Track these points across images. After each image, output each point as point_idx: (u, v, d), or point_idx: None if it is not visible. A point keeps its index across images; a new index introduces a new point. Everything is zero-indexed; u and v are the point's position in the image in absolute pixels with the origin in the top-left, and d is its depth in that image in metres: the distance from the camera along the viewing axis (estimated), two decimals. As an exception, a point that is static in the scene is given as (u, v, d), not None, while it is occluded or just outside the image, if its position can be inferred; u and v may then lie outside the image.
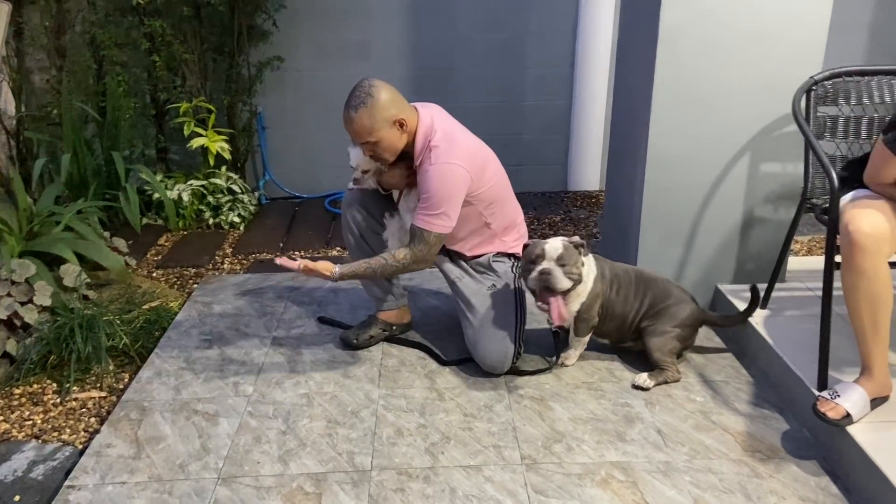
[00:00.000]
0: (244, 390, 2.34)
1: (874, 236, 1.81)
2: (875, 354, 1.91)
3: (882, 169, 1.94)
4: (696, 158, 2.55)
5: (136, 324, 2.66)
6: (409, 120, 2.23)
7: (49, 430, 2.22)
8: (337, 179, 4.42)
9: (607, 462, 1.98)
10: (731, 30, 2.41)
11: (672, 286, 2.41)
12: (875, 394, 1.93)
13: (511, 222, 2.49)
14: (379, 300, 2.58)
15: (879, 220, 1.84)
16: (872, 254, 1.81)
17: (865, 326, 1.88)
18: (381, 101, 2.17)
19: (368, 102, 2.16)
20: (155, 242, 3.71)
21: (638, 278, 2.40)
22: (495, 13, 4.14)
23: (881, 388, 1.94)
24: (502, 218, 2.44)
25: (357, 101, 2.17)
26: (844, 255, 1.86)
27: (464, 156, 2.23)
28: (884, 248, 1.83)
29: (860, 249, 1.81)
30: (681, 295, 2.39)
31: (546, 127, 4.34)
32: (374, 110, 2.17)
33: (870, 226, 1.82)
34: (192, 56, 3.94)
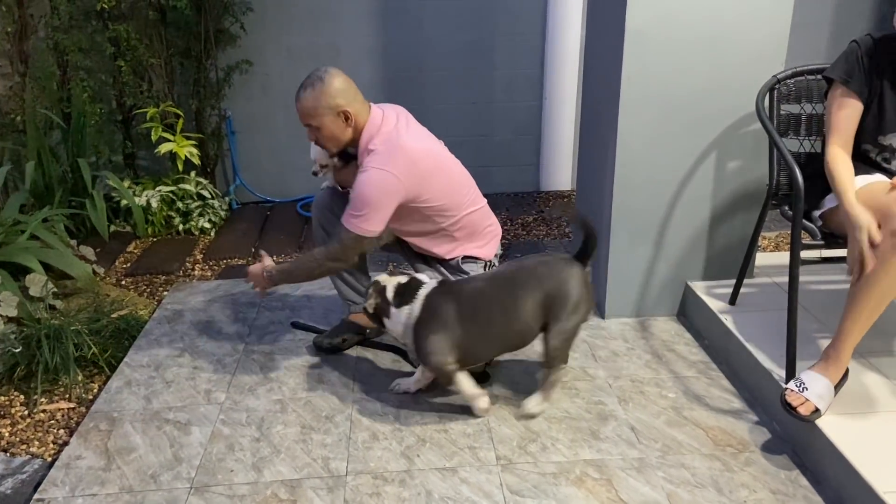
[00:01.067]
0: (216, 398, 2.31)
1: None
2: (851, 342, 1.95)
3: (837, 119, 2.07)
4: (663, 157, 2.58)
5: (105, 333, 2.62)
6: (357, 115, 2.21)
7: (17, 443, 2.18)
8: (308, 183, 4.37)
9: (582, 460, 1.99)
10: (695, 30, 2.44)
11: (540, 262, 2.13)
12: (836, 379, 1.98)
13: (475, 229, 2.42)
14: (352, 303, 2.57)
15: None
16: None
17: (862, 316, 1.90)
18: (330, 89, 2.17)
19: (317, 86, 2.17)
20: (123, 250, 3.66)
21: (498, 284, 2.13)
22: (463, 15, 4.15)
23: (840, 372, 1.99)
24: (464, 225, 2.38)
25: (308, 82, 2.19)
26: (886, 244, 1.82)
27: (401, 164, 2.17)
28: None
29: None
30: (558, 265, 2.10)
31: (517, 127, 4.35)
32: (321, 95, 2.17)
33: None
34: (158, 60, 3.89)
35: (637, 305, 2.78)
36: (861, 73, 2.09)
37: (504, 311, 2.08)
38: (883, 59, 2.08)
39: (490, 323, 2.09)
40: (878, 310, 1.90)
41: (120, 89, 3.97)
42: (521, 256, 2.34)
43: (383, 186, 2.16)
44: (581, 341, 2.61)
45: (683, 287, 2.76)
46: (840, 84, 2.12)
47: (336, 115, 2.20)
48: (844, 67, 2.12)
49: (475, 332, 2.09)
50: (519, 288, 2.08)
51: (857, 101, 2.10)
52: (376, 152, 2.20)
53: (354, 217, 2.18)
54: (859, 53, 2.09)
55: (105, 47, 3.83)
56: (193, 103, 4.04)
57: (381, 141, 2.21)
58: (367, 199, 2.16)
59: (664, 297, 2.78)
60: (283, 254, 3.59)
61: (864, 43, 2.10)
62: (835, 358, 1.97)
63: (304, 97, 2.19)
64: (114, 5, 3.68)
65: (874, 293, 1.87)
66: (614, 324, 2.74)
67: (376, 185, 2.16)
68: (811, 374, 1.98)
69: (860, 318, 1.91)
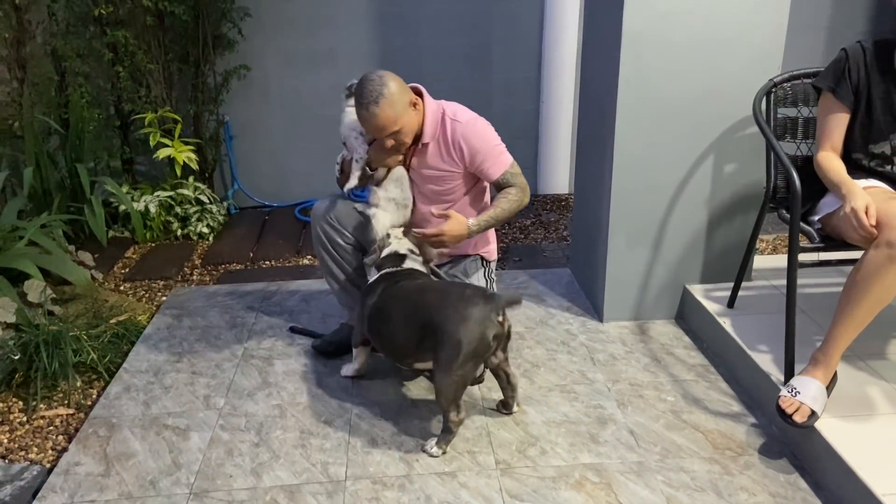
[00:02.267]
0: (215, 403, 2.31)
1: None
2: (840, 347, 1.96)
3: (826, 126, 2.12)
4: (661, 160, 2.59)
5: (104, 338, 2.62)
6: (418, 99, 2.27)
7: (16, 450, 2.17)
8: (306, 188, 4.39)
9: (581, 464, 1.99)
10: (691, 33, 2.45)
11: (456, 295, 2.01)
12: (827, 381, 1.98)
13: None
14: (351, 308, 2.57)
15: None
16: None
17: (853, 323, 1.92)
18: (395, 89, 2.17)
19: (386, 93, 2.15)
20: (122, 255, 3.66)
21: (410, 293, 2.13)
22: (460, 19, 4.16)
23: (830, 375, 2.00)
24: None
25: (373, 95, 2.14)
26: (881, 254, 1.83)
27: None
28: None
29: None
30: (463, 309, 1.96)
31: (514, 131, 4.35)
32: (394, 99, 2.16)
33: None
34: (156, 66, 3.89)
35: (635, 309, 2.78)
36: (847, 83, 2.11)
37: (395, 320, 2.10)
38: (871, 67, 2.09)
39: (386, 323, 2.14)
40: (868, 317, 1.91)
41: (118, 95, 3.97)
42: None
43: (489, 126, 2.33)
44: (580, 345, 2.61)
45: (682, 290, 2.77)
46: (828, 93, 2.15)
47: (409, 108, 2.22)
48: (832, 77, 2.15)
49: (375, 326, 2.18)
50: (417, 307, 2.07)
51: (844, 109, 2.13)
52: (458, 109, 2.32)
53: (500, 154, 2.31)
54: (847, 63, 2.11)
55: (103, 53, 3.84)
56: (191, 108, 4.04)
57: (446, 104, 2.33)
58: (491, 136, 2.31)
59: (662, 301, 2.78)
60: (282, 258, 3.59)
61: (853, 51, 2.12)
62: (824, 362, 1.98)
63: (381, 110, 2.15)
64: (111, 11, 3.69)
65: (865, 301, 1.88)
66: (613, 327, 2.75)
67: (487, 125, 2.32)
68: (802, 378, 1.99)
69: (851, 324, 1.92)
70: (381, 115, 2.15)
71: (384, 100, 2.13)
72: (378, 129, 2.18)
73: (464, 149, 2.28)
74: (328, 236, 2.45)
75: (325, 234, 2.45)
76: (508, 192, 2.32)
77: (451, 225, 2.22)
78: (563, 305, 2.92)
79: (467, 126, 2.28)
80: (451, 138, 2.28)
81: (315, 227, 2.47)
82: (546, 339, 2.66)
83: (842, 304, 1.94)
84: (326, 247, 2.46)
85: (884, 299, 1.87)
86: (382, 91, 2.14)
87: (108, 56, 3.83)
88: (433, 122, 2.29)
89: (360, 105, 2.17)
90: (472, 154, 2.29)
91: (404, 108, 2.19)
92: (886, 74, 2.08)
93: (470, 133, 2.27)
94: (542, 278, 3.17)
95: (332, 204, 2.48)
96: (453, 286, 2.14)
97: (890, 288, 1.85)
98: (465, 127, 2.27)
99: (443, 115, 2.30)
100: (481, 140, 2.29)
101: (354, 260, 2.48)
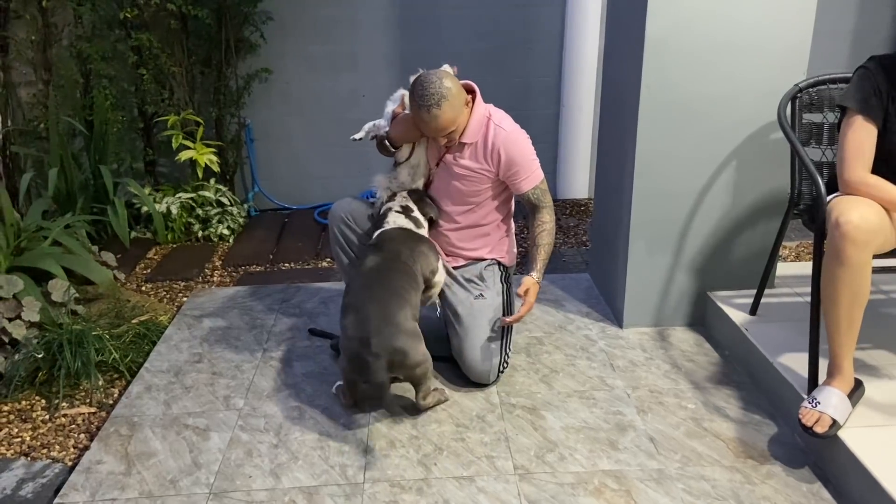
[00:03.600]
0: (235, 404, 2.33)
1: (864, 228, 1.82)
2: (846, 350, 1.93)
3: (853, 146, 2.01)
4: (683, 166, 2.57)
5: (126, 338, 2.64)
6: (469, 97, 2.30)
7: (38, 448, 2.20)
8: (326, 191, 4.41)
9: (600, 471, 1.98)
10: (715, 39, 2.43)
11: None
12: (847, 389, 1.96)
13: (510, 227, 2.59)
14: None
15: (869, 213, 1.85)
16: (861, 245, 1.82)
17: (841, 320, 1.90)
18: (455, 90, 2.20)
19: (448, 95, 2.17)
20: (144, 256, 3.69)
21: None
22: (481, 23, 4.16)
23: (850, 383, 1.97)
24: (510, 224, 2.56)
25: (435, 98, 2.16)
26: (832, 247, 1.87)
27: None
28: (872, 241, 1.84)
29: (850, 241, 1.82)
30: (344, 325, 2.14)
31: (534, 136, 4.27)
32: (454, 102, 2.19)
33: (859, 218, 1.83)
34: (179, 69, 3.93)
35: (656, 315, 2.76)
36: (877, 99, 2.03)
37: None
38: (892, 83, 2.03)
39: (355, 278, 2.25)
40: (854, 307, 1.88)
41: (141, 97, 4.01)
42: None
43: (529, 141, 2.36)
44: (599, 351, 2.60)
45: (703, 297, 2.74)
46: (855, 112, 2.04)
47: (465, 109, 2.26)
48: (859, 94, 2.05)
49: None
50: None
51: (873, 127, 2.03)
52: (503, 118, 2.34)
53: (535, 170, 2.36)
54: (873, 78, 2.03)
55: (127, 56, 3.89)
56: (213, 111, 4.08)
57: (495, 111, 2.35)
58: (529, 150, 2.35)
59: (683, 307, 2.76)
60: (301, 260, 3.61)
61: (874, 67, 2.05)
62: (838, 371, 1.96)
63: (443, 112, 2.17)
64: (136, 14, 3.73)
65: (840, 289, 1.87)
66: (632, 333, 2.73)
67: (527, 139, 2.35)
68: (822, 388, 1.97)
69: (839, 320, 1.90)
70: (443, 118, 2.18)
71: (446, 102, 2.16)
72: (437, 130, 2.21)
73: (501, 156, 2.30)
74: (345, 236, 2.47)
75: (341, 234, 2.47)
76: (543, 222, 2.39)
77: (530, 296, 2.33)
78: (582, 311, 2.90)
79: (510, 135, 2.30)
80: (492, 143, 2.30)
81: (332, 227, 2.50)
82: (565, 344, 2.65)
83: (823, 312, 1.94)
84: (343, 247, 2.48)
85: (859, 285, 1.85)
86: (444, 93, 2.16)
87: (132, 59, 3.88)
88: (478, 124, 2.31)
89: (420, 107, 2.18)
90: (509, 163, 2.31)
91: (461, 109, 2.23)
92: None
93: (511, 143, 2.30)
94: (560, 283, 3.16)
95: (349, 204, 2.50)
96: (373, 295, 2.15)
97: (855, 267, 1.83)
98: (507, 135, 2.30)
99: (488, 119, 2.32)
100: (520, 152, 2.32)
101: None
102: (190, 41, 3.95)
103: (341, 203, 2.51)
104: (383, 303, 2.11)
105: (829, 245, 1.89)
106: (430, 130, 2.23)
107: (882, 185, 1.98)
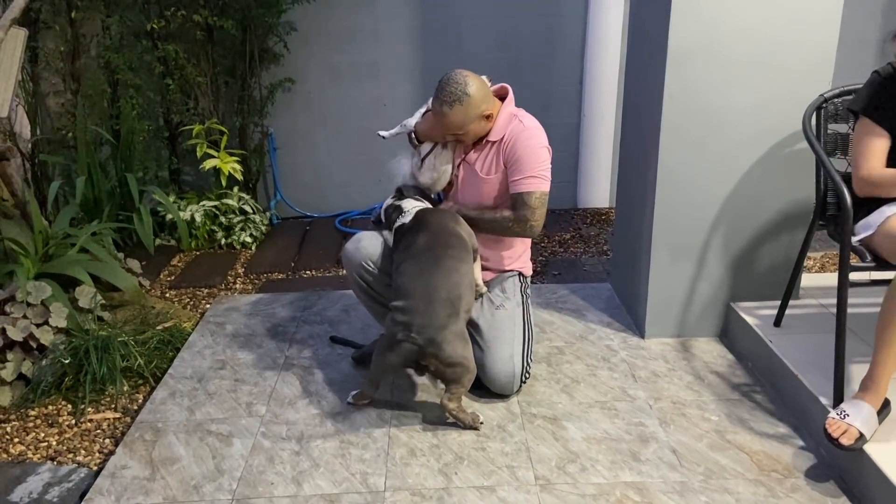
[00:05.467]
0: (257, 410, 2.34)
1: None
2: (889, 370, 1.91)
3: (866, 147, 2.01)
4: (706, 175, 2.55)
5: (150, 344, 2.68)
6: (494, 109, 2.30)
7: (64, 452, 2.23)
8: (347, 199, 4.44)
9: (622, 482, 1.97)
10: (739, 49, 2.42)
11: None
12: (878, 406, 1.93)
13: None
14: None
15: None
16: None
17: (894, 344, 1.87)
18: (475, 99, 2.21)
19: (464, 101, 2.19)
20: (168, 263, 3.74)
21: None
22: (502, 33, 4.18)
23: (880, 399, 1.95)
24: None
25: (452, 97, 2.18)
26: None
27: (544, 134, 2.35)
28: None
29: None
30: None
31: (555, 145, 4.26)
32: (468, 108, 2.20)
33: None
34: (204, 79, 3.99)
35: (678, 326, 2.74)
36: (887, 105, 2.03)
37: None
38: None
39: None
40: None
41: (167, 107, 4.07)
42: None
43: (545, 149, 2.31)
44: (621, 361, 2.59)
45: (726, 307, 2.72)
46: (865, 116, 2.07)
47: (480, 119, 2.27)
48: (868, 100, 2.07)
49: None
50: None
51: (884, 132, 2.05)
52: (527, 117, 2.33)
53: (536, 177, 2.28)
54: (884, 84, 2.04)
55: (154, 66, 3.95)
56: (237, 120, 4.13)
57: (525, 113, 2.35)
58: (541, 157, 2.29)
59: (706, 318, 2.74)
60: (322, 268, 3.63)
61: (886, 72, 2.05)
62: (873, 388, 1.94)
63: (452, 113, 2.20)
64: (163, 26, 3.79)
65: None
66: (655, 344, 2.71)
67: (543, 145, 2.30)
68: (852, 401, 1.95)
69: (891, 349, 1.88)
70: (451, 118, 2.21)
71: (459, 106, 2.18)
72: (443, 127, 2.25)
73: (509, 148, 2.30)
74: (365, 280, 2.42)
75: (361, 278, 2.43)
76: (506, 217, 2.33)
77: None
78: (603, 321, 2.89)
79: (524, 132, 2.29)
80: (508, 135, 2.31)
81: (351, 273, 2.43)
82: (586, 354, 2.64)
83: (879, 329, 1.90)
84: (363, 287, 2.44)
85: None
86: (461, 97, 2.18)
87: (158, 69, 3.94)
88: (503, 126, 2.32)
89: (436, 99, 2.22)
90: (511, 154, 2.30)
91: (475, 118, 2.24)
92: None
93: (523, 137, 2.28)
94: (581, 293, 3.15)
95: (365, 247, 2.42)
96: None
97: None
98: (523, 130, 2.29)
99: (515, 118, 2.33)
100: (527, 150, 2.28)
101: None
102: (215, 52, 4.01)
103: (356, 246, 2.42)
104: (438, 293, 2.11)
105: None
106: (437, 125, 2.27)
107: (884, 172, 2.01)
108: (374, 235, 2.46)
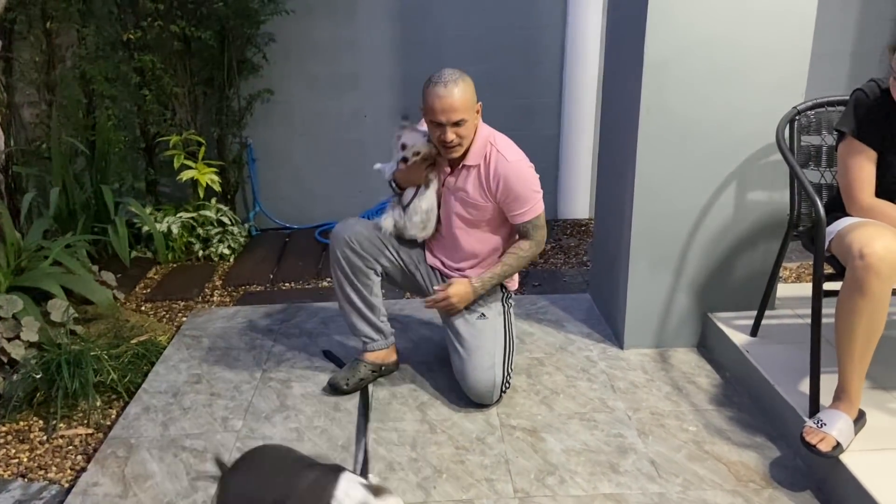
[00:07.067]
0: (233, 425, 2.31)
1: (888, 260, 1.79)
2: (856, 378, 1.92)
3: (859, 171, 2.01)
4: (683, 186, 2.57)
5: (124, 358, 2.63)
6: (479, 107, 2.30)
7: (35, 469, 2.18)
8: (327, 210, 4.42)
9: (601, 494, 1.96)
10: (714, 61, 2.45)
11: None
12: (853, 415, 1.94)
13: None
14: (368, 340, 2.52)
15: (893, 244, 1.82)
16: (885, 277, 1.80)
17: (856, 351, 1.88)
18: (471, 84, 2.23)
19: (462, 82, 2.20)
20: (144, 275, 3.69)
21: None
22: (481, 45, 4.19)
23: (854, 409, 1.96)
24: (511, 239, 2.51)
25: (453, 77, 2.19)
26: (853, 278, 1.83)
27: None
28: (894, 275, 1.82)
29: (874, 273, 1.79)
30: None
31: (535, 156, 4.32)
32: (468, 90, 2.21)
33: (884, 249, 1.80)
34: (182, 90, 3.96)
35: (656, 336, 2.75)
36: (873, 124, 2.03)
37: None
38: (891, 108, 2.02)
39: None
40: (871, 339, 1.87)
41: (144, 117, 4.04)
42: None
43: (533, 171, 2.32)
44: (600, 372, 2.59)
45: (704, 318, 2.74)
46: (852, 136, 2.05)
47: (476, 113, 2.28)
48: (857, 121, 2.05)
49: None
50: None
51: (872, 151, 2.04)
52: (507, 145, 2.31)
53: (534, 203, 2.31)
54: (868, 103, 2.03)
55: (130, 77, 3.91)
56: (215, 131, 4.10)
57: (499, 136, 2.33)
58: (532, 183, 2.30)
59: (684, 328, 2.75)
60: (301, 280, 3.60)
61: (871, 91, 2.04)
62: (846, 398, 1.95)
63: (458, 91, 2.18)
64: (140, 36, 3.76)
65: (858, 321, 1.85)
66: (633, 354, 2.72)
67: (530, 169, 2.31)
68: (828, 411, 1.96)
69: (853, 350, 1.89)
70: (456, 94, 2.18)
71: (461, 83, 2.19)
72: (447, 108, 2.18)
73: (500, 187, 2.29)
74: (348, 260, 2.44)
75: (344, 257, 2.44)
76: (521, 246, 2.37)
77: (457, 288, 2.36)
78: (582, 332, 2.90)
79: (511, 166, 2.27)
80: (493, 172, 2.28)
81: (335, 250, 2.45)
82: (566, 365, 2.64)
83: (837, 339, 1.92)
84: (345, 270, 2.45)
85: (878, 317, 1.84)
86: (461, 77, 2.21)
87: (135, 79, 3.91)
88: (481, 147, 2.30)
89: (436, 83, 2.20)
90: (506, 194, 2.29)
91: (473, 104, 2.24)
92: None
93: (513, 175, 2.27)
94: (561, 304, 3.15)
95: (353, 227, 2.47)
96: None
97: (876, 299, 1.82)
98: (509, 167, 2.27)
99: (491, 146, 2.30)
100: (522, 185, 2.29)
101: (374, 286, 2.47)
102: (193, 62, 3.99)
103: (345, 225, 2.47)
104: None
105: (850, 276, 1.86)
106: (441, 108, 2.17)
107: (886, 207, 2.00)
108: (365, 222, 2.51)
